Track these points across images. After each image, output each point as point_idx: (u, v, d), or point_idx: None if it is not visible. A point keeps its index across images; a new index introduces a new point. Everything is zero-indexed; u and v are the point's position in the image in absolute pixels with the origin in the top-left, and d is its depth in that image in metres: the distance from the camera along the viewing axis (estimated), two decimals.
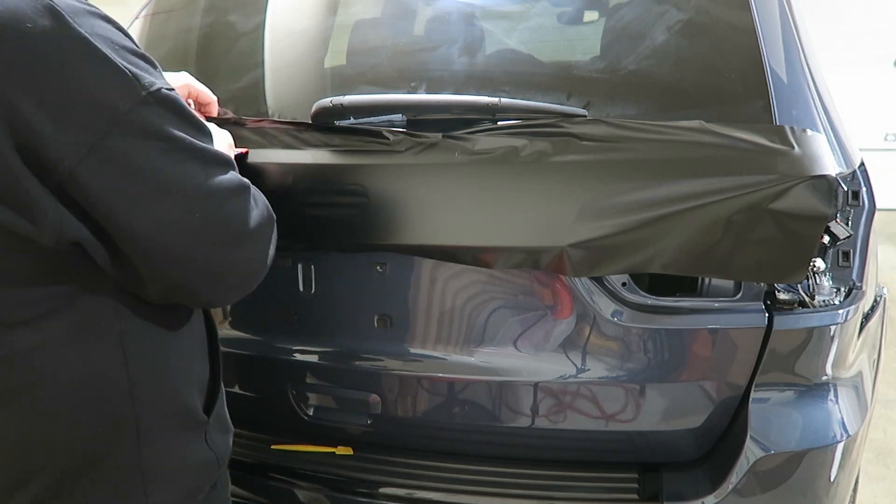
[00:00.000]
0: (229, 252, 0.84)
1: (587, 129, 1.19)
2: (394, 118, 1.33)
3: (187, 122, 0.80)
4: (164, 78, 0.80)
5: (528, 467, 1.43)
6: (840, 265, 1.24)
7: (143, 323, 0.88)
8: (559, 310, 1.30)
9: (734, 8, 1.37)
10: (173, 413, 0.92)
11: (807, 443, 1.26)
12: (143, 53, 0.78)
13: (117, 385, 0.86)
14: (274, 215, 0.94)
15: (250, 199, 0.86)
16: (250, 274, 0.90)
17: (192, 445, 0.96)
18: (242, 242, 0.85)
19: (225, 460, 1.04)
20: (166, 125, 0.76)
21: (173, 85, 1.23)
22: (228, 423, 1.09)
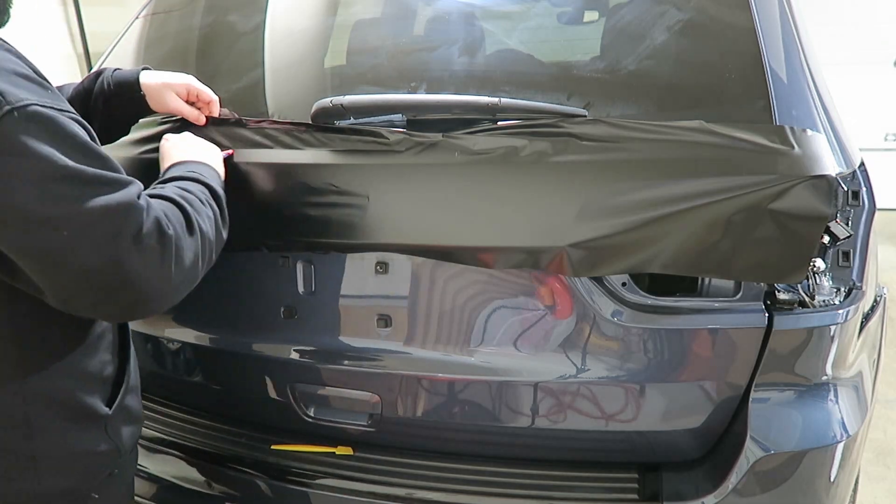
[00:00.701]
0: (113, 271, 0.84)
1: (587, 129, 1.19)
2: (394, 118, 1.33)
3: (64, 140, 0.80)
4: (56, 100, 0.82)
5: (528, 467, 1.43)
6: (840, 265, 1.24)
7: (38, 323, 0.92)
8: (559, 310, 1.30)
9: (734, 8, 1.37)
10: (67, 407, 0.98)
11: (807, 443, 1.26)
12: (29, 75, 0.81)
13: (10, 380, 0.92)
14: (197, 234, 0.95)
15: (140, 216, 0.85)
16: (148, 292, 0.88)
17: (89, 436, 1.02)
18: (125, 261, 0.84)
19: (127, 450, 1.10)
20: (32, 141, 0.76)
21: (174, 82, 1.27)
22: (136, 414, 1.14)
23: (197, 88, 1.33)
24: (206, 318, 1.55)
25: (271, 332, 1.48)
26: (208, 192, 1.07)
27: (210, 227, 1.01)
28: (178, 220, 0.92)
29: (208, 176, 1.12)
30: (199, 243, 0.96)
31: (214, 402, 1.67)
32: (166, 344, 1.63)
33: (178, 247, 0.90)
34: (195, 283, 0.97)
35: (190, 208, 0.97)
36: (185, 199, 0.98)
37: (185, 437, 1.60)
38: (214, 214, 1.04)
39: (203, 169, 1.13)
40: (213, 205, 1.05)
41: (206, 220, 1.00)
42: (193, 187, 1.05)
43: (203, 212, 1.00)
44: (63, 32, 5.16)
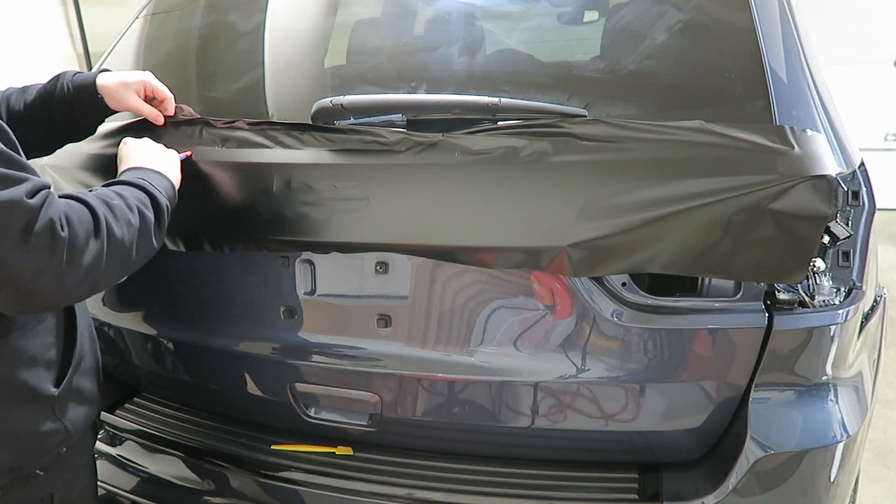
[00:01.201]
0: None
1: (587, 129, 1.19)
2: (394, 118, 1.33)
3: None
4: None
5: (528, 467, 1.43)
6: (840, 265, 1.24)
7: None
8: (559, 310, 1.30)
9: (734, 8, 1.37)
10: (8, 386, 1.03)
11: (807, 443, 1.26)
12: None
13: None
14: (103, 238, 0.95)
15: (27, 215, 0.85)
16: (33, 290, 0.90)
17: (33, 415, 1.07)
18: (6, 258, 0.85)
19: (77, 430, 1.13)
20: None
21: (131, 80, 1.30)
22: (89, 396, 1.18)
23: (153, 86, 1.35)
24: (207, 319, 1.55)
25: (271, 332, 1.48)
26: (147, 200, 1.08)
27: (126, 232, 1.00)
28: (80, 223, 0.93)
29: (156, 184, 1.13)
30: (103, 247, 0.95)
31: (214, 402, 1.67)
32: (166, 344, 1.63)
33: (72, 248, 0.90)
34: (103, 285, 0.99)
35: (105, 212, 0.97)
36: (106, 204, 0.99)
37: (185, 437, 1.60)
38: (142, 222, 1.04)
39: (153, 177, 1.15)
40: (145, 212, 1.06)
41: (124, 225, 1.00)
42: (129, 193, 1.06)
43: (123, 217, 1.00)
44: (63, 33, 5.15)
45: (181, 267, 1.53)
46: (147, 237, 1.06)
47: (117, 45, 1.84)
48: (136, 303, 1.64)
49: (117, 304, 1.66)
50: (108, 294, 1.65)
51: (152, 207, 1.08)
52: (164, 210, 1.11)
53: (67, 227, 0.90)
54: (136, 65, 1.79)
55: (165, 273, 1.56)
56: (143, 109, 1.35)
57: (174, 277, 1.56)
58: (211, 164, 1.36)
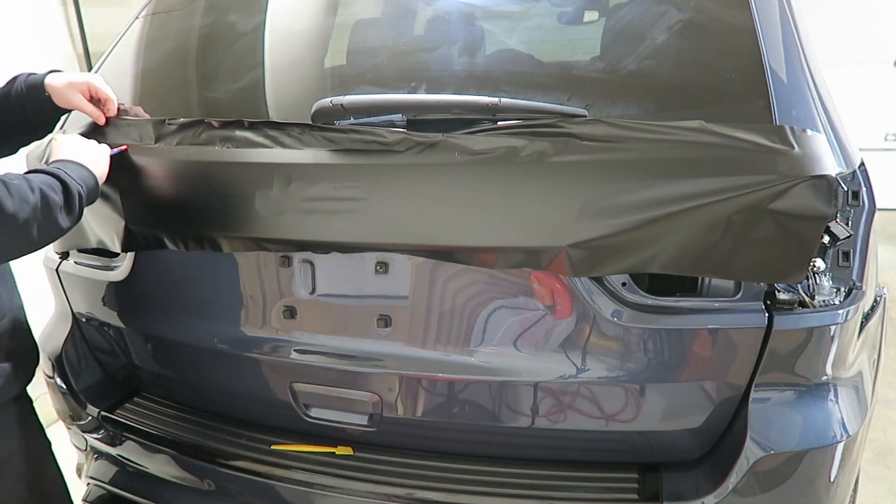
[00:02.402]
0: None
1: (587, 129, 1.19)
2: (394, 118, 1.33)
3: None
4: None
5: (528, 467, 1.43)
6: (840, 265, 1.24)
7: None
8: (559, 310, 1.30)
9: (734, 8, 1.36)
10: None
11: (807, 443, 1.26)
12: None
13: None
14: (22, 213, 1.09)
15: None
16: None
17: None
18: None
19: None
20: None
21: (76, 81, 1.37)
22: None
23: (96, 87, 1.41)
24: (207, 318, 1.55)
25: (272, 332, 1.48)
26: (56, 185, 1.17)
27: (21, 209, 1.09)
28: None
29: (71, 172, 1.21)
30: None
31: (214, 402, 1.67)
32: (167, 344, 1.63)
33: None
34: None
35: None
36: (3, 182, 1.09)
37: (185, 437, 1.60)
38: (43, 201, 1.13)
39: (70, 167, 1.23)
40: (49, 194, 1.14)
41: (18, 201, 1.09)
42: (37, 177, 1.16)
43: (19, 195, 1.10)
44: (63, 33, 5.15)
45: (181, 267, 1.53)
46: (50, 217, 1.15)
47: (117, 45, 1.84)
48: (135, 303, 1.64)
49: (117, 305, 1.66)
50: (107, 294, 1.65)
51: (62, 192, 1.17)
52: (74, 195, 1.19)
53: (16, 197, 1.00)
54: (136, 65, 1.79)
55: (165, 273, 1.56)
56: (86, 109, 1.42)
57: (174, 277, 1.56)
58: (211, 164, 1.36)
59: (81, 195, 1.21)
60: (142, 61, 1.80)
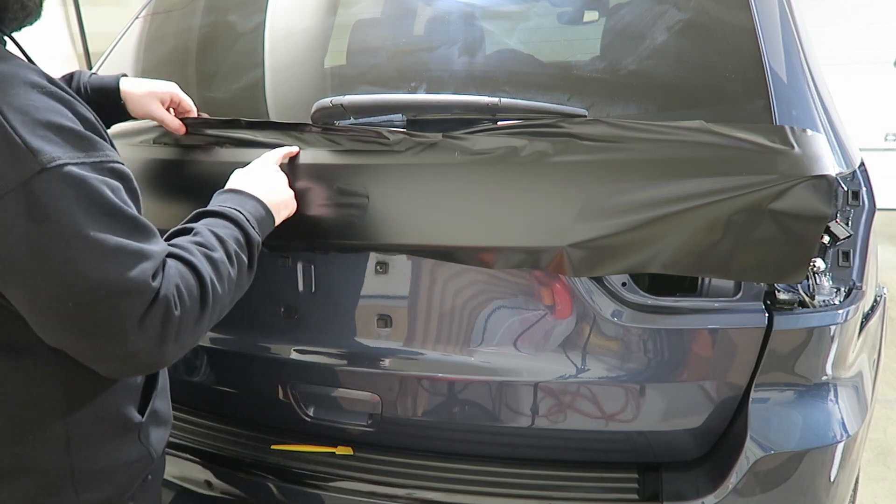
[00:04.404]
0: (104, 345, 0.82)
1: (587, 129, 1.19)
2: (394, 118, 1.33)
3: (94, 203, 0.78)
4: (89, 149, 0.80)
5: (528, 467, 1.43)
6: (840, 265, 1.24)
7: None
8: (559, 310, 1.30)
9: (734, 8, 1.37)
10: (105, 421, 0.98)
11: (807, 443, 1.26)
12: (63, 125, 0.78)
13: (50, 397, 0.92)
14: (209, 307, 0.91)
15: (148, 296, 0.81)
16: (135, 362, 0.86)
17: (124, 446, 1.02)
18: (121, 340, 0.81)
19: (158, 453, 1.09)
20: (59, 203, 0.75)
21: (159, 90, 1.29)
22: (165, 417, 1.13)
23: (179, 97, 1.35)
24: None
25: (271, 332, 1.48)
26: (241, 239, 1.01)
27: (228, 289, 0.96)
28: (191, 297, 0.87)
29: (250, 215, 1.06)
30: (209, 314, 0.91)
31: (214, 402, 1.67)
32: None
33: (181, 326, 0.86)
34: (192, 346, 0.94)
35: (210, 275, 0.91)
36: (210, 261, 0.93)
37: (184, 437, 1.60)
38: (238, 268, 0.99)
39: (251, 206, 1.08)
40: (241, 256, 1.00)
41: (226, 282, 0.95)
42: (225, 233, 0.99)
43: (225, 273, 0.95)
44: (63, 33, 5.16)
45: None
46: (241, 283, 1.01)
47: (117, 45, 1.84)
48: None
49: None
50: None
51: (246, 248, 1.02)
52: (256, 247, 1.04)
53: (180, 307, 0.85)
54: (137, 65, 1.79)
55: None
56: (167, 120, 1.34)
57: None
58: (211, 164, 1.36)
59: (259, 246, 1.06)
60: (142, 61, 1.80)
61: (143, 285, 0.80)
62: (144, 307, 0.81)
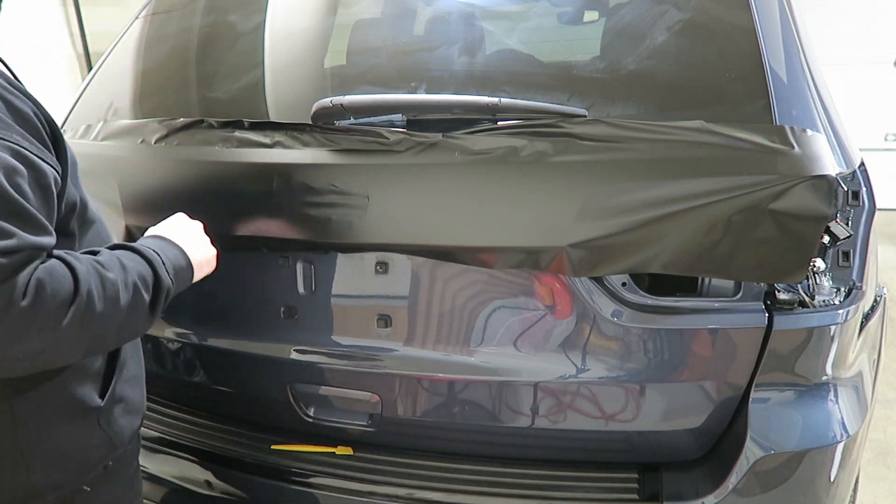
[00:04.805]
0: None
1: (587, 129, 1.19)
2: (394, 118, 1.33)
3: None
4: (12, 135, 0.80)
5: (527, 467, 1.43)
6: (840, 265, 1.24)
7: None
8: (559, 310, 1.30)
9: (734, 8, 1.37)
10: (54, 401, 0.96)
11: (807, 443, 1.26)
12: None
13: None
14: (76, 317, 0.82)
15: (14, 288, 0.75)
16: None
17: (78, 429, 1.00)
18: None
19: (123, 442, 1.07)
20: None
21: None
22: (135, 406, 1.10)
23: None
24: (207, 319, 1.55)
25: (271, 332, 1.48)
26: (148, 278, 0.93)
27: (111, 313, 0.86)
28: (53, 295, 0.79)
29: (168, 261, 0.99)
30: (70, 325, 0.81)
31: (214, 402, 1.67)
32: (166, 344, 1.62)
33: (19, 320, 0.77)
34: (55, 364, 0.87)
35: (90, 287, 0.84)
36: (99, 275, 0.86)
37: (184, 437, 1.60)
38: (133, 301, 0.89)
39: (172, 253, 1.02)
40: (141, 292, 0.91)
41: (110, 306, 0.86)
42: (132, 265, 0.92)
43: (112, 296, 0.86)
44: (63, 33, 5.16)
45: None
46: (133, 323, 0.91)
47: (117, 45, 1.84)
48: None
49: None
50: None
51: (151, 288, 0.93)
52: (162, 294, 0.95)
53: (28, 299, 0.77)
54: (136, 65, 1.79)
55: None
56: None
57: None
58: (211, 164, 1.36)
59: (169, 293, 0.97)
60: (142, 61, 1.80)
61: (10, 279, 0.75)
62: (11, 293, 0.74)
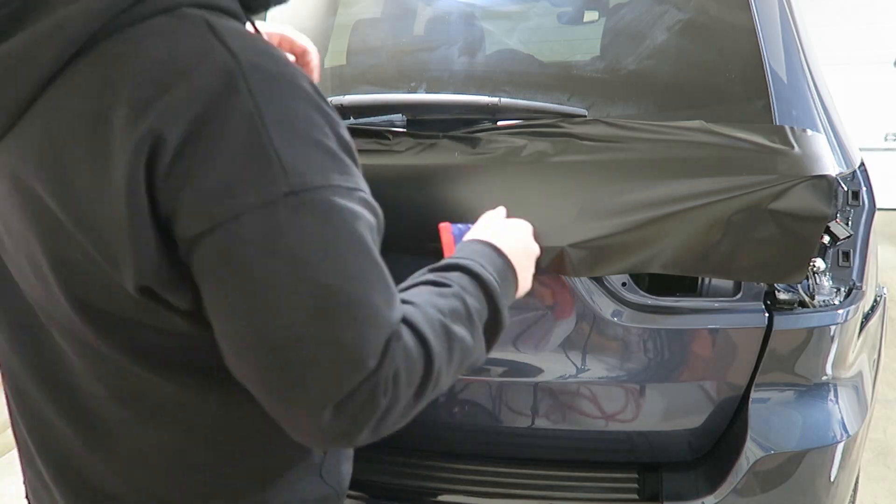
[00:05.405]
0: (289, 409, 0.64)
1: (587, 129, 1.19)
2: (394, 118, 1.33)
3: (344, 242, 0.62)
4: (357, 181, 0.66)
5: (528, 467, 1.43)
6: (840, 265, 1.24)
7: None
8: (559, 310, 1.30)
9: (734, 8, 1.37)
10: (277, 458, 0.87)
11: (807, 443, 1.26)
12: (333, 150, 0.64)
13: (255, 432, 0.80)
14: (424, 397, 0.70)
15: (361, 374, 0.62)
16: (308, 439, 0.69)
17: (305, 484, 0.89)
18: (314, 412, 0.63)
19: (344, 490, 0.96)
20: (294, 233, 0.59)
21: (270, 32, 1.08)
22: (345, 453, 0.97)
23: (291, 40, 1.13)
24: None
25: None
26: (486, 311, 0.80)
27: (448, 380, 0.73)
28: (409, 383, 0.67)
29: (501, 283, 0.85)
30: (416, 407, 0.71)
31: None
32: None
33: (382, 418, 0.67)
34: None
35: (441, 362, 0.70)
36: (448, 342, 0.72)
37: None
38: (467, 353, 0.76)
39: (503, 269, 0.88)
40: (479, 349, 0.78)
41: (452, 374, 0.73)
42: (480, 309, 0.79)
43: (456, 363, 0.74)
44: None
45: None
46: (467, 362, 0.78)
47: None
48: None
49: None
50: None
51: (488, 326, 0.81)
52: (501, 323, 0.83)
53: (390, 393, 0.65)
54: None
55: None
56: None
57: None
58: None
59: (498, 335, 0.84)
60: None
61: (362, 360, 0.61)
62: (353, 385, 0.62)
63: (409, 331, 0.67)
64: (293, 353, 0.61)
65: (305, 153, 0.61)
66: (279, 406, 0.65)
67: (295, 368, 0.61)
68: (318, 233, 0.61)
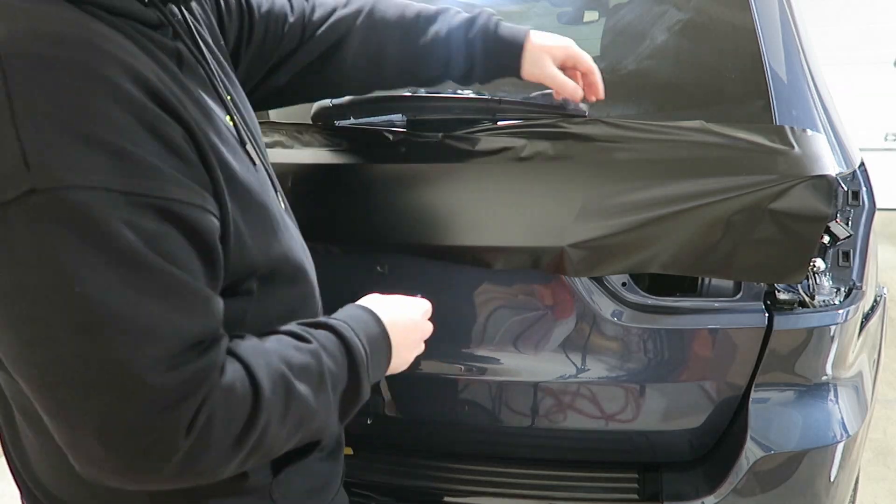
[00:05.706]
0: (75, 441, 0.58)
1: (587, 129, 1.19)
2: (394, 118, 1.33)
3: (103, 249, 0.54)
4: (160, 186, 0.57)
5: (528, 467, 1.43)
6: (840, 265, 1.24)
7: None
8: (559, 310, 1.30)
9: (734, 8, 1.37)
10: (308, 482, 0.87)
11: (807, 443, 1.26)
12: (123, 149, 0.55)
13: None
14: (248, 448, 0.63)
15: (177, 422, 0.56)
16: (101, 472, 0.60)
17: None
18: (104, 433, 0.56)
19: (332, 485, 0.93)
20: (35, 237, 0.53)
21: (554, 44, 1.05)
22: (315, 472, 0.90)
23: (577, 56, 1.09)
24: None
25: None
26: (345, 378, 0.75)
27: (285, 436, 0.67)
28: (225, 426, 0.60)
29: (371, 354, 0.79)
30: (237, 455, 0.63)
31: None
32: None
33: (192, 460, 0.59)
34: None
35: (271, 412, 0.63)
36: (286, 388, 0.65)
37: None
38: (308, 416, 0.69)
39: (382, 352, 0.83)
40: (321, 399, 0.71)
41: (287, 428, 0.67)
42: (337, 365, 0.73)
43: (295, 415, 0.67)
44: None
45: None
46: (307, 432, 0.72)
47: None
48: None
49: None
50: None
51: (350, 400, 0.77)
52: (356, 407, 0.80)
53: (197, 432, 0.58)
54: None
55: None
56: (565, 85, 1.08)
57: None
58: None
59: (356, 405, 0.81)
60: None
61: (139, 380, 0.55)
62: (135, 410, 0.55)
63: (239, 371, 0.61)
64: (54, 372, 0.55)
65: (64, 148, 0.53)
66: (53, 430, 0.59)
67: (61, 389, 0.55)
68: (61, 237, 0.53)
